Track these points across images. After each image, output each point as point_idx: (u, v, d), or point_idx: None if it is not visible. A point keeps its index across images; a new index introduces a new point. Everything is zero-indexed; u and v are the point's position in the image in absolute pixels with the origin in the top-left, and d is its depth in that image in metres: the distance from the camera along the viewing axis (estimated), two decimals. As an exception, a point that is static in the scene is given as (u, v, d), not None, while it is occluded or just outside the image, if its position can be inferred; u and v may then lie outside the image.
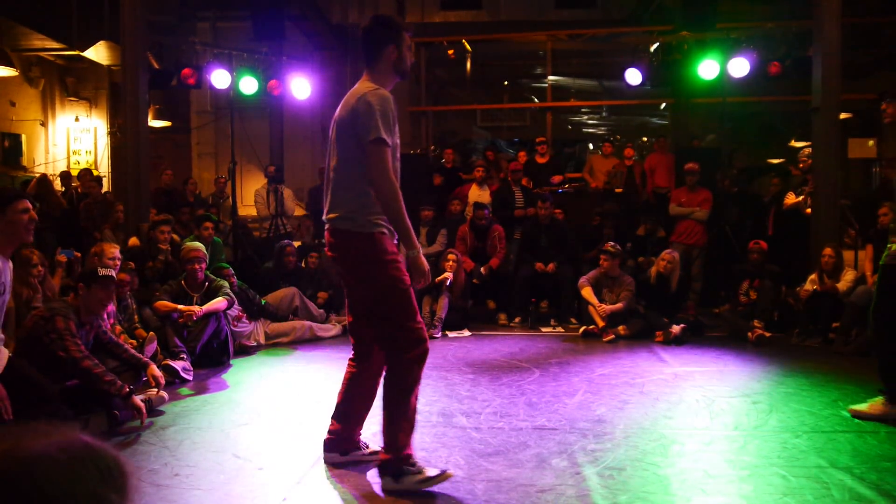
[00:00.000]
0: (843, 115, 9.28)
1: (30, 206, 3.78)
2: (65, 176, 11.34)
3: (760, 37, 10.06)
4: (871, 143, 9.52)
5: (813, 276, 7.25)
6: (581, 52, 13.55)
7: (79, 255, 6.47)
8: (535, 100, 14.18)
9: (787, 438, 3.98)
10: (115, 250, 5.90)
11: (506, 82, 14.78)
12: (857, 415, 4.44)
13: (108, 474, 0.92)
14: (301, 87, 10.08)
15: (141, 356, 4.85)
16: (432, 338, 7.36)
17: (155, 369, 4.76)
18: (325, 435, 3.66)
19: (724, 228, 9.44)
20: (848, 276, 7.02)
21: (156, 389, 4.62)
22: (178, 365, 5.51)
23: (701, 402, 4.77)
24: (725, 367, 5.98)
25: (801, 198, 8.54)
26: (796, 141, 12.79)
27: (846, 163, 10.35)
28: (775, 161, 13.24)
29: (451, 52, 13.58)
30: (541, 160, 10.50)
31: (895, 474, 3.43)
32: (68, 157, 13.39)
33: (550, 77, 13.19)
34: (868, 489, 3.24)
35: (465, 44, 13.33)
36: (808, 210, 8.52)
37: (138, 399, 4.24)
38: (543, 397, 4.96)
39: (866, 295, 6.33)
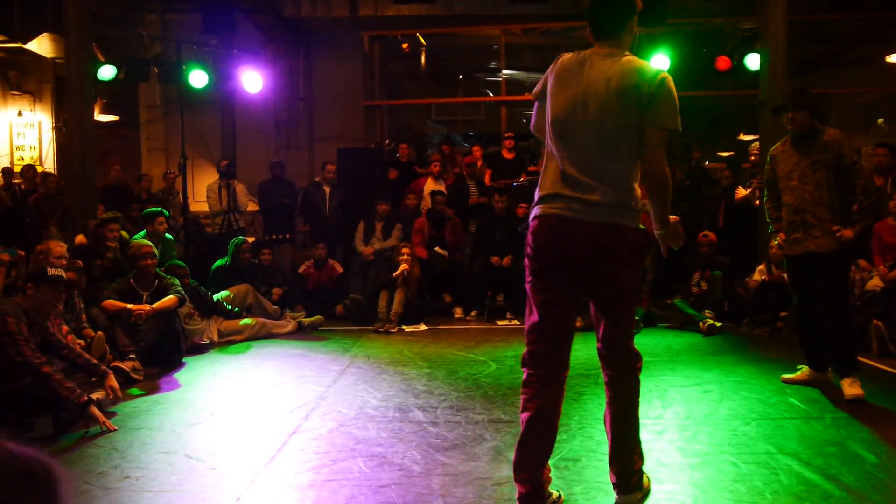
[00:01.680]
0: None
1: None
2: (7, 172, 10.98)
3: (709, 32, 10.24)
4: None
5: (761, 267, 7.42)
6: (535, 46, 13.58)
7: (22, 253, 6.28)
8: (490, 94, 14.20)
9: (737, 426, 4.07)
10: (61, 248, 5.74)
11: (460, 76, 14.76)
12: (787, 381, 4.95)
13: (33, 481, 0.89)
14: (252, 80, 9.93)
15: (99, 363, 4.69)
16: (388, 332, 7.34)
17: (113, 380, 4.55)
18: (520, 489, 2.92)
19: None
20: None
21: (104, 392, 4.49)
22: (127, 365, 5.39)
23: (654, 391, 4.85)
24: (677, 356, 6.08)
25: (749, 190, 8.72)
26: (745, 134, 13.05)
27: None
28: (725, 154, 13.49)
29: (405, 45, 13.51)
30: (508, 155, 10.48)
31: (840, 459, 3.53)
32: (11, 153, 12.97)
33: (505, 71, 13.21)
34: (814, 474, 3.33)
35: (420, 38, 13.28)
36: (757, 202, 8.69)
37: (97, 410, 4.12)
38: (499, 390, 4.98)
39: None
